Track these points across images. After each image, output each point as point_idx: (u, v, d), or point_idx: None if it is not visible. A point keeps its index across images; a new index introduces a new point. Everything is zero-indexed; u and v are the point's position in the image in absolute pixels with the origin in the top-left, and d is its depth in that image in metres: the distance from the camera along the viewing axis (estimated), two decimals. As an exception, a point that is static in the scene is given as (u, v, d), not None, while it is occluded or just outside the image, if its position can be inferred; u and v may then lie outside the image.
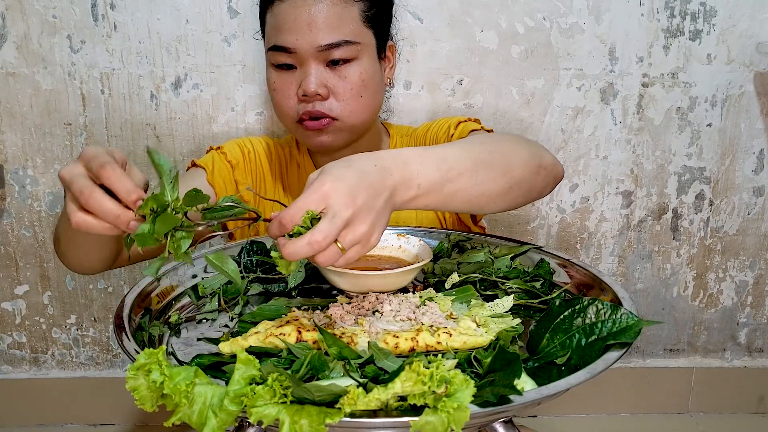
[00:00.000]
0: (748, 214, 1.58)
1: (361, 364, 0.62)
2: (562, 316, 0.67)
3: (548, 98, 1.47)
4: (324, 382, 0.56)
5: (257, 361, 0.55)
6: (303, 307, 0.77)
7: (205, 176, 1.07)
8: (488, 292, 0.83)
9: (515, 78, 1.45)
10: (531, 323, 0.70)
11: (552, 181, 0.88)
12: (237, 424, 0.65)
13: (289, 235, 0.61)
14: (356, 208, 0.62)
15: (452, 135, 1.07)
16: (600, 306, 0.67)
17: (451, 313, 0.74)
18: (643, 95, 1.48)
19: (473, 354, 0.64)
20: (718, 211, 1.57)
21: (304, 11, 0.98)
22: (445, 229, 1.09)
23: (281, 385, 0.52)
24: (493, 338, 0.69)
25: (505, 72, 1.44)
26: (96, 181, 0.62)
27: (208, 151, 1.13)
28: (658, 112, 1.49)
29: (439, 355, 0.63)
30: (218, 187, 1.07)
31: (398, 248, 0.89)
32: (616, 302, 0.71)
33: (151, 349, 0.55)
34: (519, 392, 0.53)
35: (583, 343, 0.65)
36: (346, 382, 0.57)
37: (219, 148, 1.12)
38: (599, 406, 1.72)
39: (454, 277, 0.84)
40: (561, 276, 0.85)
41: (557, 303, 0.69)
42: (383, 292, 0.79)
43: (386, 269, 0.81)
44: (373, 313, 0.74)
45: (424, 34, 1.42)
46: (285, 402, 0.52)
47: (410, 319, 0.72)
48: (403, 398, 0.52)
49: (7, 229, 1.52)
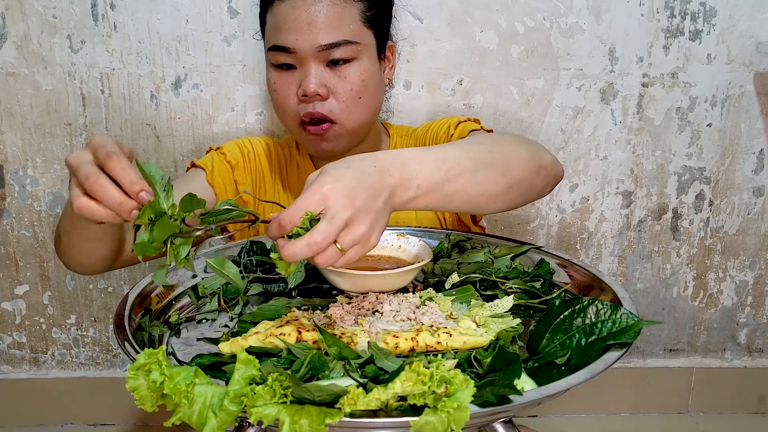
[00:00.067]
0: (748, 214, 1.58)
1: (361, 364, 0.62)
2: (562, 316, 0.67)
3: (548, 98, 1.47)
4: (324, 382, 0.56)
5: (257, 361, 0.55)
6: (303, 307, 0.77)
7: (205, 177, 1.07)
8: (488, 292, 0.83)
9: (515, 78, 1.45)
10: (531, 323, 0.70)
11: (552, 181, 0.88)
12: (237, 424, 0.65)
13: (288, 236, 0.61)
14: (355, 209, 0.62)
15: (452, 135, 1.06)
16: (600, 306, 0.67)
17: (451, 313, 0.74)
18: (643, 95, 1.47)
19: (473, 354, 0.64)
20: (718, 211, 1.57)
21: (304, 11, 0.98)
22: (445, 229, 1.09)
23: (281, 385, 0.52)
24: (493, 338, 0.69)
25: (505, 72, 1.44)
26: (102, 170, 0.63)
27: (207, 152, 1.13)
28: (658, 112, 1.49)
29: (439, 355, 0.63)
30: (218, 188, 1.07)
31: (398, 248, 0.89)
32: (616, 302, 0.71)
33: (151, 349, 0.55)
34: (519, 392, 0.53)
35: (583, 343, 0.65)
36: (346, 382, 0.57)
37: (218, 148, 1.13)
38: (599, 406, 1.72)
39: (454, 277, 0.84)
40: (561, 276, 0.85)
41: (557, 303, 0.69)
42: (383, 292, 0.79)
43: (386, 269, 0.81)
44: (373, 313, 0.74)
45: (424, 34, 1.42)
46: (285, 402, 0.52)
47: (410, 319, 0.72)
48: (403, 398, 0.52)
49: (7, 229, 1.52)
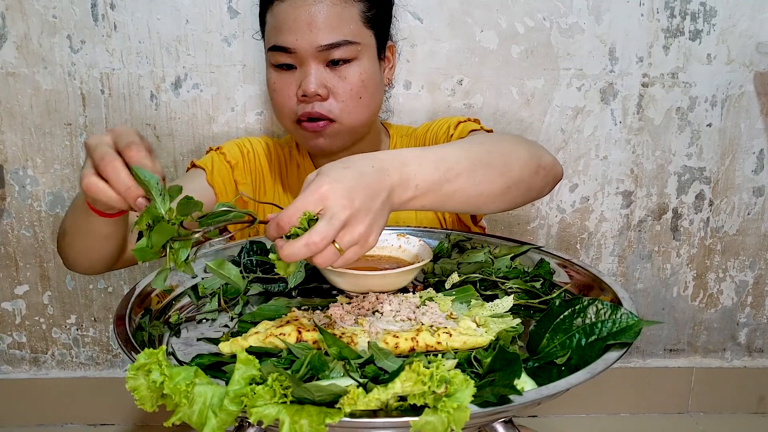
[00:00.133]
0: (748, 214, 1.58)
1: (361, 364, 0.62)
2: (562, 316, 0.67)
3: (548, 98, 1.47)
4: (324, 382, 0.56)
5: (257, 361, 0.55)
6: (303, 307, 0.77)
7: (205, 177, 1.07)
8: (488, 292, 0.83)
9: (515, 78, 1.45)
10: (531, 323, 0.70)
11: (551, 181, 0.88)
12: (237, 424, 0.65)
13: (287, 237, 0.61)
14: (354, 209, 0.62)
15: (452, 135, 1.06)
16: (600, 306, 0.67)
17: (451, 313, 0.74)
18: (643, 95, 1.47)
19: (473, 354, 0.64)
20: (718, 211, 1.57)
21: (303, 11, 0.98)
22: (445, 229, 1.09)
23: (281, 385, 0.52)
24: (493, 338, 0.69)
25: (505, 72, 1.44)
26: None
27: (207, 152, 1.13)
28: (658, 112, 1.49)
29: (439, 355, 0.63)
30: (218, 188, 1.07)
31: (398, 248, 0.89)
32: (616, 302, 0.71)
33: (151, 349, 0.55)
34: (519, 392, 0.53)
35: (583, 343, 0.65)
36: (346, 382, 0.57)
37: (218, 148, 1.13)
38: (599, 406, 1.72)
39: (454, 277, 0.84)
40: (561, 276, 0.85)
41: (557, 303, 0.69)
42: (383, 292, 0.79)
43: (386, 269, 0.81)
44: (373, 313, 0.74)
45: (424, 34, 1.42)
46: (285, 402, 0.52)
47: (410, 319, 0.72)
48: (403, 398, 0.52)
49: (7, 229, 1.52)
